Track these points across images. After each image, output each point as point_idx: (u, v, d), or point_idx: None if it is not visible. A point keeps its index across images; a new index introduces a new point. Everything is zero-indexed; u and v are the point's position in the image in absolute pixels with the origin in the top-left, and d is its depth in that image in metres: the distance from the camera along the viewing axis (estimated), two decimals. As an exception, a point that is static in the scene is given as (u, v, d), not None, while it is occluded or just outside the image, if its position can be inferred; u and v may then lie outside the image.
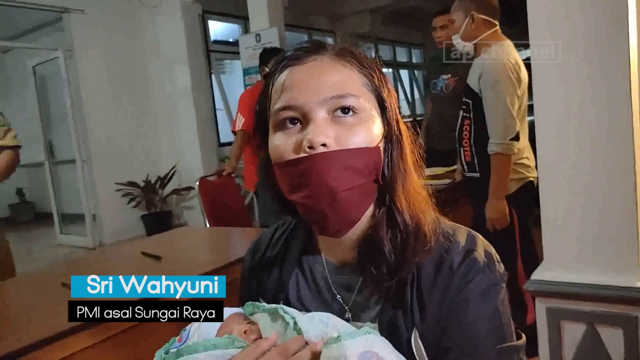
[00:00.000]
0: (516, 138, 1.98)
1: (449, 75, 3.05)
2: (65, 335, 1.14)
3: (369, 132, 0.62)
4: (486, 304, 0.62)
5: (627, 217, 1.35)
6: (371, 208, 0.65)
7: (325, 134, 0.59)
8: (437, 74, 3.13)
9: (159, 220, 5.52)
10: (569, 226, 1.44)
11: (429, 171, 2.60)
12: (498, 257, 0.66)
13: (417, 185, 0.67)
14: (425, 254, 0.64)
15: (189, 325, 0.71)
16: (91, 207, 5.45)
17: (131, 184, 5.49)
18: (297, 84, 0.62)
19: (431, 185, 0.73)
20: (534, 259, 2.03)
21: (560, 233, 1.46)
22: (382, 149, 0.63)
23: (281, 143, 0.62)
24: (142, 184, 5.55)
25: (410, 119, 0.69)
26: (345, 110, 0.61)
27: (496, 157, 2.00)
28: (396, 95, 0.67)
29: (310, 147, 0.59)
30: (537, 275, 1.49)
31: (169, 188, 5.71)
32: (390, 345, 0.61)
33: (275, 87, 0.65)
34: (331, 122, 0.61)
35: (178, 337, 0.70)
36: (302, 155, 0.59)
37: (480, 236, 0.67)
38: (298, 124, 0.62)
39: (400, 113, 0.67)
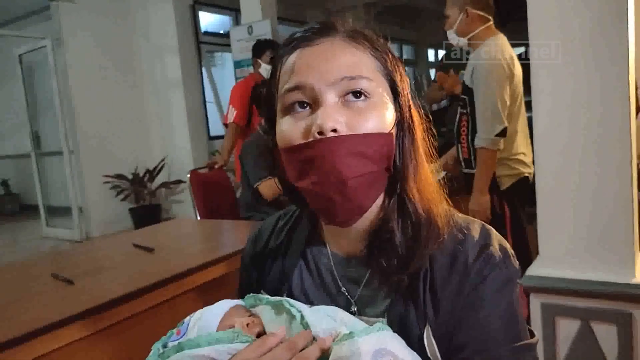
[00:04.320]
0: (502, 134, 2.00)
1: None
2: (56, 327, 1.11)
3: (381, 117, 0.59)
4: (502, 301, 0.59)
5: (623, 214, 1.35)
6: (381, 197, 0.63)
7: (334, 119, 0.56)
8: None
9: (147, 213, 5.43)
10: (564, 222, 1.44)
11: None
12: (512, 252, 0.63)
13: (428, 175, 0.64)
14: (438, 246, 0.61)
15: (187, 317, 0.69)
16: (78, 199, 5.38)
17: (119, 176, 5.42)
18: (307, 66, 0.59)
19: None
20: (526, 255, 2.03)
21: (555, 229, 1.46)
22: (394, 135, 0.61)
23: (289, 128, 0.59)
24: (130, 177, 5.48)
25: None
26: (357, 94, 0.58)
27: (481, 151, 2.03)
28: (408, 81, 0.64)
29: (320, 133, 0.56)
30: (532, 271, 1.49)
31: (158, 181, 5.64)
32: (404, 342, 0.59)
33: (284, 69, 0.62)
34: (342, 107, 0.58)
35: (176, 329, 0.68)
36: (311, 139, 0.57)
37: (494, 230, 0.65)
38: (307, 108, 0.59)
39: (413, 99, 0.64)
